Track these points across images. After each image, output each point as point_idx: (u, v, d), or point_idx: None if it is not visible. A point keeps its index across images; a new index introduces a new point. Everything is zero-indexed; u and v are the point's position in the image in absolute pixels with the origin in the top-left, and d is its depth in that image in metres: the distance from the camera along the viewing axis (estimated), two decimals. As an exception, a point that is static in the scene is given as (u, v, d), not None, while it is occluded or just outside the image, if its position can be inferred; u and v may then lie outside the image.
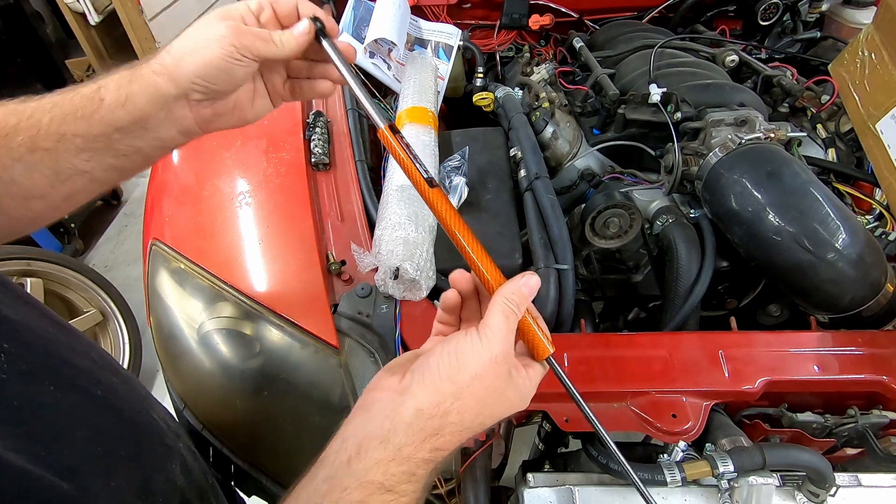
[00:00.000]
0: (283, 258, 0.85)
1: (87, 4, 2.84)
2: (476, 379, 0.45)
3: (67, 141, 0.50)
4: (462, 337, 0.46)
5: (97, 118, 0.50)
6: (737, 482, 0.64)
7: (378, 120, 0.52)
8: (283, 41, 0.53)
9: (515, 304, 0.47)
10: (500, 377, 0.46)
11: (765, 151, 0.86)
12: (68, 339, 0.47)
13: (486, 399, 0.46)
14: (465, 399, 0.45)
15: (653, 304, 0.97)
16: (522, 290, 0.48)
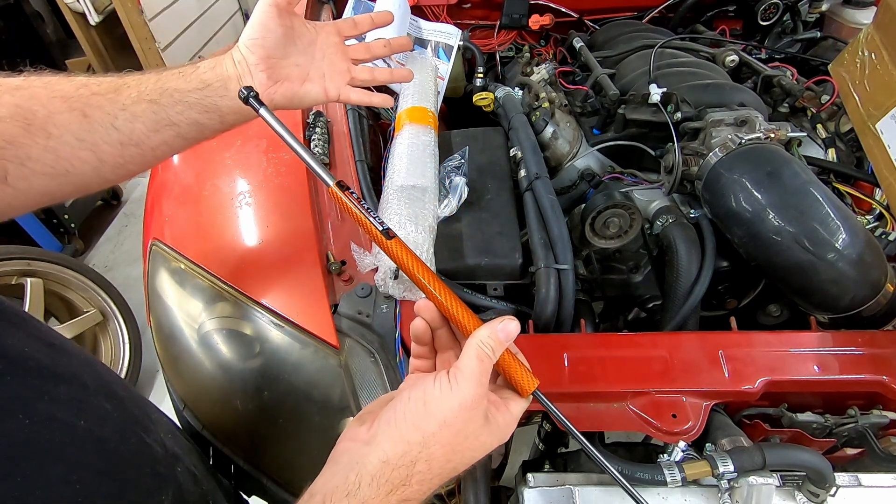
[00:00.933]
0: (283, 258, 0.85)
1: (87, 4, 2.84)
2: (445, 426, 0.44)
3: (168, 94, 0.59)
4: (430, 382, 0.45)
5: (194, 76, 0.62)
6: (737, 482, 0.64)
7: (326, 178, 0.52)
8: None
9: (490, 349, 0.46)
10: (471, 422, 0.45)
11: (765, 151, 0.86)
12: (55, 362, 0.46)
13: (456, 445, 0.45)
14: (432, 447, 0.44)
15: (653, 304, 0.97)
16: (499, 335, 0.47)
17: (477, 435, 0.45)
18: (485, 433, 0.46)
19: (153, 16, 3.07)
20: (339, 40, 0.73)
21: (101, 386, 0.50)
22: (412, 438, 0.44)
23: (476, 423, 0.45)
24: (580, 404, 0.71)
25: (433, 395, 0.45)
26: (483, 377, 0.45)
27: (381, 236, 0.51)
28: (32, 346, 0.45)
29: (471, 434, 0.45)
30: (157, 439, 0.54)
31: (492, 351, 0.46)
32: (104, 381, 0.51)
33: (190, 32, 3.47)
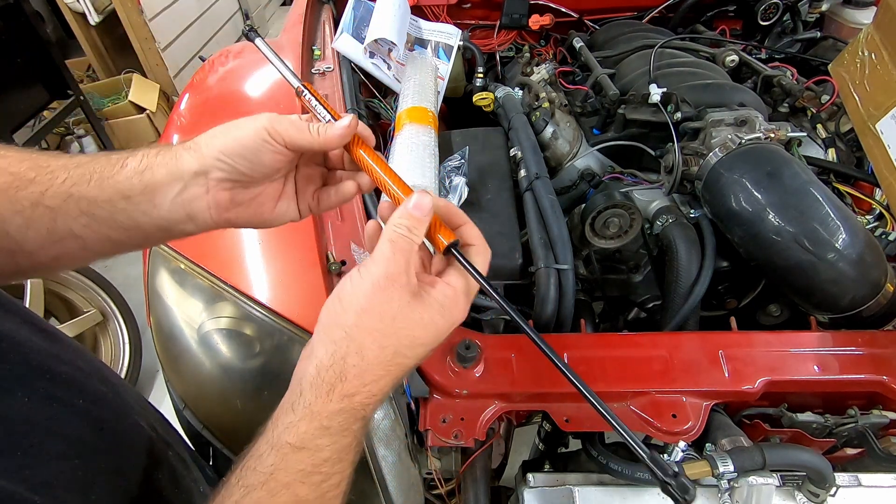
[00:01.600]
0: (283, 258, 0.85)
1: (87, 4, 2.85)
2: (363, 313, 0.43)
3: (73, 202, 0.47)
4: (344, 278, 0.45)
5: (110, 183, 0.48)
6: (737, 482, 0.64)
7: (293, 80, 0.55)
8: (320, 130, 0.50)
9: (406, 227, 0.45)
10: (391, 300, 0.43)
11: (765, 151, 0.86)
12: (51, 346, 0.46)
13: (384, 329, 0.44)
14: (358, 337, 0.43)
15: (653, 304, 0.97)
16: (413, 213, 0.45)
17: (407, 314, 0.44)
18: (419, 310, 0.44)
19: (153, 16, 3.07)
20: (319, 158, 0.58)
21: (95, 371, 0.50)
22: (336, 336, 0.44)
23: (398, 300, 0.44)
24: (580, 404, 0.71)
25: (346, 289, 0.45)
26: (397, 255, 0.44)
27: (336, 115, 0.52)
28: (30, 331, 0.45)
29: (398, 314, 0.44)
30: (149, 424, 0.54)
31: (407, 230, 0.45)
32: (96, 367, 0.51)
33: (190, 32, 3.47)
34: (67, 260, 0.51)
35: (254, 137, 0.48)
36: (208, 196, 0.50)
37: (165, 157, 0.49)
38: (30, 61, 2.42)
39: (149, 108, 2.99)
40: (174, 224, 0.50)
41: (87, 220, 0.48)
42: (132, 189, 0.48)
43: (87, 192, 0.47)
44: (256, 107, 1.07)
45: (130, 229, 0.50)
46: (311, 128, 0.50)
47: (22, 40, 2.36)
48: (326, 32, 1.32)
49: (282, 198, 0.54)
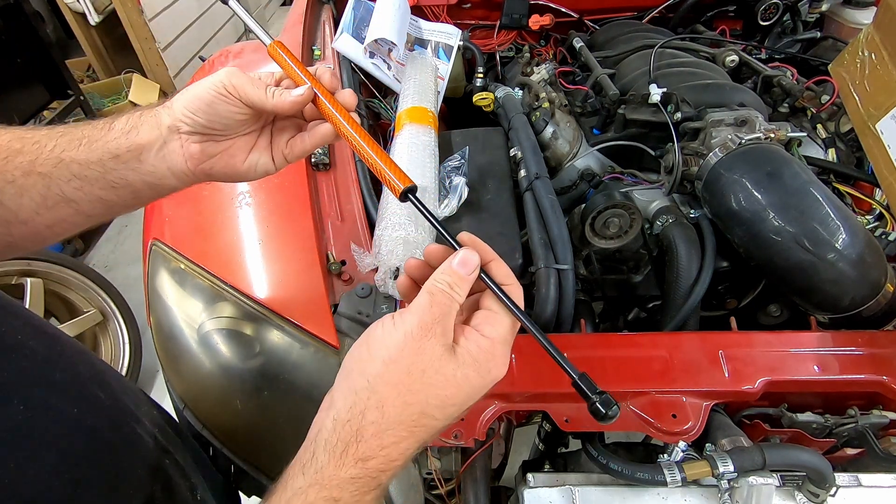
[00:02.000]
0: (283, 258, 0.85)
1: (87, 4, 2.85)
2: (391, 363, 0.40)
3: (64, 166, 0.49)
4: (375, 325, 0.42)
5: (99, 144, 0.51)
6: (737, 482, 0.64)
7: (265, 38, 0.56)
8: (275, 94, 0.52)
9: (447, 284, 0.42)
10: (422, 353, 0.40)
11: (765, 151, 0.86)
12: (50, 350, 0.45)
13: (411, 384, 0.39)
14: (381, 390, 0.39)
15: (653, 304, 0.97)
16: (457, 270, 0.43)
17: (438, 368, 0.40)
18: (451, 365, 0.40)
19: (153, 16, 3.08)
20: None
21: (95, 375, 0.49)
22: (357, 385, 0.40)
23: (430, 353, 0.40)
24: (580, 404, 0.71)
25: (376, 336, 0.42)
26: (434, 308, 0.41)
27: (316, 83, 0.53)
28: (28, 334, 0.44)
29: (428, 367, 0.40)
30: (147, 431, 0.53)
31: (448, 286, 0.42)
32: (97, 371, 0.50)
33: (190, 32, 3.48)
34: (62, 227, 0.53)
35: (209, 90, 0.51)
36: (182, 150, 0.53)
37: (147, 117, 0.53)
38: (30, 61, 2.42)
39: (149, 109, 2.98)
40: (159, 179, 0.54)
41: (80, 183, 0.50)
42: (119, 148, 0.51)
43: (77, 156, 0.50)
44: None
45: (120, 187, 0.52)
46: (269, 89, 0.52)
47: (22, 40, 2.36)
48: (326, 32, 1.32)
49: (254, 150, 0.56)
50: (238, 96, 0.51)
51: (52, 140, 0.50)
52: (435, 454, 0.79)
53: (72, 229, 0.54)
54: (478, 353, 0.42)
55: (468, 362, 0.41)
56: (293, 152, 0.58)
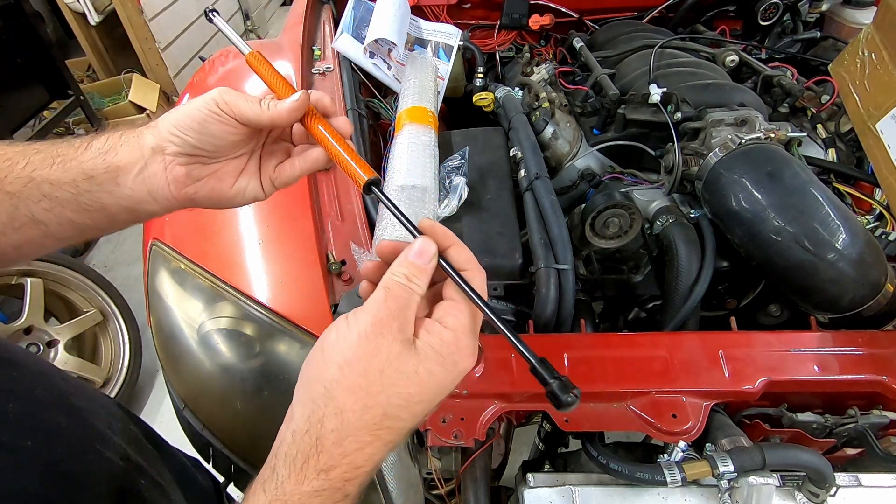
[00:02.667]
0: (283, 258, 0.85)
1: (87, 4, 2.85)
2: (346, 366, 0.37)
3: (34, 186, 0.46)
4: (329, 327, 0.40)
5: (74, 164, 0.47)
6: (737, 482, 0.64)
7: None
8: (270, 105, 0.49)
9: (404, 276, 0.40)
10: (379, 352, 0.37)
11: (765, 151, 0.86)
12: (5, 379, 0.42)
13: (369, 386, 0.37)
14: (339, 396, 0.37)
15: (653, 304, 0.97)
16: (414, 261, 0.41)
17: (397, 367, 0.37)
18: (411, 361, 0.38)
19: (153, 16, 3.08)
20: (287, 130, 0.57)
21: (57, 399, 0.46)
22: (315, 393, 0.37)
23: (387, 351, 0.37)
24: (580, 404, 0.71)
25: (330, 340, 0.39)
26: (389, 302, 0.39)
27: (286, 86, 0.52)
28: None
29: (386, 367, 0.37)
30: (119, 452, 0.49)
31: (405, 278, 0.40)
32: (61, 394, 0.47)
33: (190, 32, 3.48)
34: (29, 248, 0.49)
35: (202, 109, 0.48)
36: (166, 172, 0.49)
37: (129, 137, 0.50)
38: (30, 61, 2.42)
39: (149, 108, 2.99)
40: (137, 203, 0.50)
41: (50, 204, 0.47)
42: (95, 169, 0.48)
43: (49, 175, 0.47)
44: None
45: (94, 211, 0.49)
46: (263, 103, 0.49)
47: (22, 40, 2.36)
48: (326, 32, 1.32)
49: (243, 174, 0.53)
50: (232, 114, 0.49)
51: (25, 157, 0.47)
52: (435, 454, 0.79)
53: (39, 251, 0.51)
54: (441, 346, 0.39)
55: (431, 357, 0.39)
56: (281, 178, 0.55)
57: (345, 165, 0.49)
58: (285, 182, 0.55)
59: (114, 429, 0.51)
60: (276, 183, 0.55)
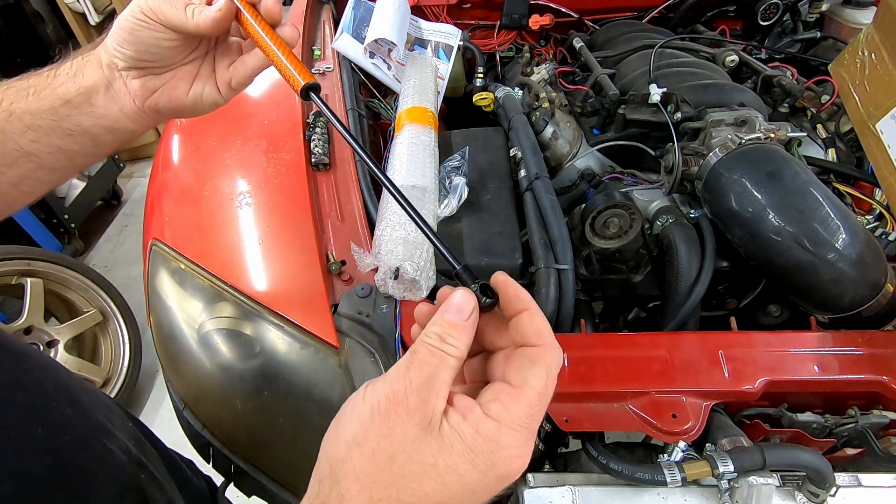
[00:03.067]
0: (283, 258, 0.85)
1: (87, 4, 2.85)
2: (354, 447, 0.31)
3: (16, 119, 0.48)
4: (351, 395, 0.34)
5: (47, 92, 0.49)
6: (737, 482, 0.64)
7: None
8: (196, 11, 0.48)
9: (437, 337, 0.33)
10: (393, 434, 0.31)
11: (765, 151, 0.86)
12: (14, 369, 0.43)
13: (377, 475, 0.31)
14: (342, 480, 0.31)
15: (653, 304, 0.97)
16: (449, 318, 0.34)
17: (411, 454, 0.31)
18: (430, 450, 0.31)
19: (153, 16, 3.07)
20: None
21: (63, 392, 0.46)
22: (323, 473, 0.33)
23: (401, 433, 0.31)
24: (580, 404, 0.71)
25: (345, 411, 0.34)
26: (412, 371, 0.32)
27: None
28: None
29: (398, 452, 0.31)
30: (121, 446, 0.50)
31: (438, 339, 0.33)
32: (65, 387, 0.47)
33: (190, 32, 3.48)
34: (28, 184, 0.50)
35: (128, 18, 0.48)
36: (125, 87, 0.51)
37: (90, 57, 0.51)
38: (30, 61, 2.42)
39: (149, 108, 2.99)
40: (114, 122, 0.51)
41: (35, 135, 0.48)
42: (69, 93, 0.49)
43: (27, 107, 0.48)
44: (255, 106, 1.07)
45: (78, 134, 0.50)
46: (189, 9, 0.48)
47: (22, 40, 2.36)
48: (326, 32, 1.32)
49: (197, 80, 0.53)
50: (157, 20, 0.48)
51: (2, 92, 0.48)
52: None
53: (39, 186, 0.52)
54: (474, 438, 0.31)
55: (457, 449, 0.31)
56: (236, 78, 0.54)
57: (281, 68, 0.47)
58: (241, 82, 0.55)
59: (115, 424, 0.51)
60: (233, 84, 0.55)
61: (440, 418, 0.32)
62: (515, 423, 0.32)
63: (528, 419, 0.32)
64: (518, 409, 0.32)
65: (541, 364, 0.33)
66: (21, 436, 0.39)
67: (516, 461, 0.32)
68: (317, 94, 0.45)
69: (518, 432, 0.32)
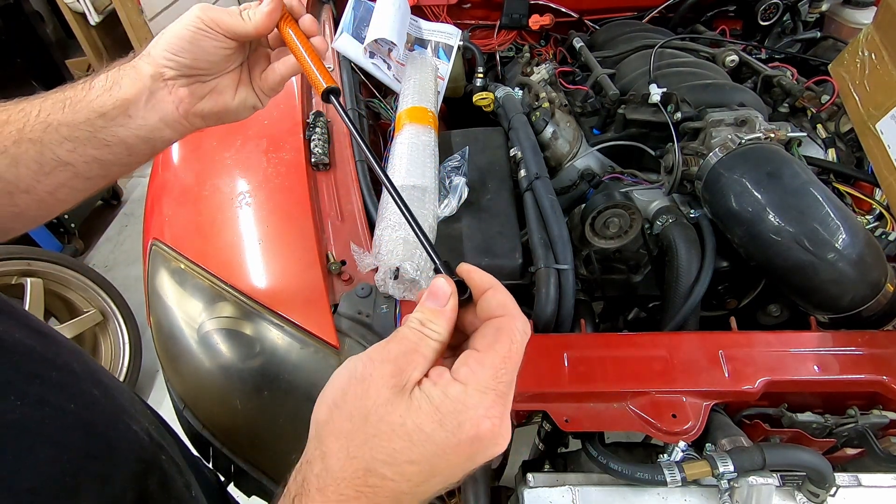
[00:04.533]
0: (283, 258, 0.85)
1: (87, 4, 2.84)
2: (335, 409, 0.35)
3: (52, 130, 0.50)
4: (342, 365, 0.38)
5: (83, 104, 0.51)
6: (737, 482, 0.64)
7: None
8: (250, 14, 0.53)
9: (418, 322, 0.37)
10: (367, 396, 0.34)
11: (765, 151, 0.86)
12: (46, 349, 0.45)
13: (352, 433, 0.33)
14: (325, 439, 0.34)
15: (653, 304, 0.97)
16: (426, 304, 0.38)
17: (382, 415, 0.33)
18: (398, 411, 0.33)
19: (153, 16, 3.07)
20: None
21: (90, 374, 0.49)
22: (311, 434, 0.36)
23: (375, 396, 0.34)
24: (580, 404, 0.71)
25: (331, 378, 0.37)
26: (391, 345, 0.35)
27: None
28: (23, 333, 0.44)
29: (371, 413, 0.33)
30: (142, 427, 0.52)
31: (419, 323, 0.36)
32: (91, 370, 0.50)
33: (190, 32, 3.47)
34: (64, 192, 0.53)
35: (189, 27, 0.51)
36: (171, 96, 0.53)
37: (127, 70, 0.53)
38: (30, 61, 2.42)
39: (149, 108, 2.98)
40: (151, 132, 0.53)
41: (72, 146, 0.50)
42: (104, 106, 0.51)
43: (64, 119, 0.50)
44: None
45: (114, 145, 0.52)
46: (244, 14, 0.52)
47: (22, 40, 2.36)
48: (326, 32, 1.32)
49: (240, 85, 0.57)
50: (219, 28, 0.51)
51: (37, 107, 0.50)
52: (435, 454, 0.79)
53: (74, 195, 0.54)
54: (441, 399, 0.33)
55: (424, 410, 0.33)
56: (268, 84, 0.59)
57: (307, 70, 0.51)
58: (273, 88, 0.59)
59: (135, 408, 0.54)
60: (265, 90, 0.59)
61: (413, 386, 0.34)
62: (482, 384, 0.34)
63: (493, 381, 0.34)
64: (483, 371, 0.34)
65: (504, 330, 0.36)
66: (56, 409, 0.41)
67: (484, 422, 0.33)
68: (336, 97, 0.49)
69: (485, 394, 0.34)
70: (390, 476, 0.33)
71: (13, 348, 0.42)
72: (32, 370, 0.42)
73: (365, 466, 0.33)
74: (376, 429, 0.33)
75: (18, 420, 0.38)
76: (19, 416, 0.38)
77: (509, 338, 0.36)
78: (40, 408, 0.40)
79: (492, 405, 0.34)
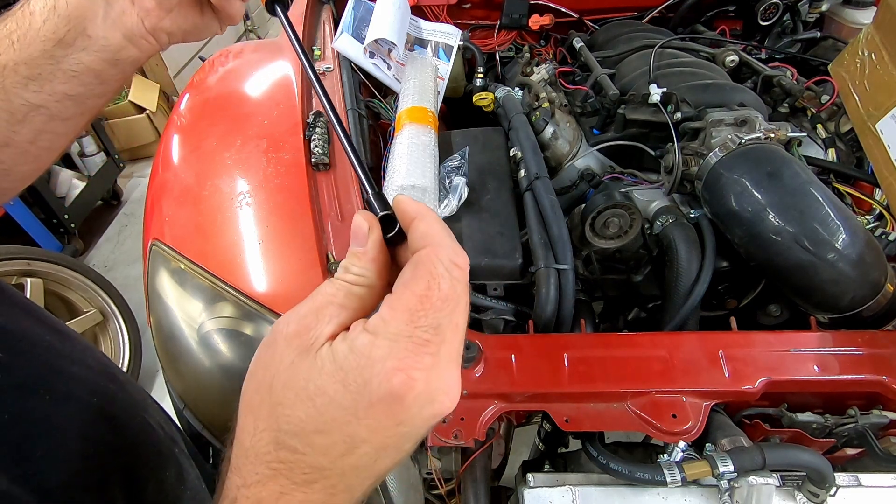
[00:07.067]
0: (283, 258, 0.85)
1: None
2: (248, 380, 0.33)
3: (10, 72, 0.44)
4: None
5: (31, 35, 0.44)
6: (737, 482, 0.64)
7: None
8: None
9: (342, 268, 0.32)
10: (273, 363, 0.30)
11: (765, 151, 0.86)
12: (64, 345, 0.46)
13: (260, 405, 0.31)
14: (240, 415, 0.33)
15: (653, 304, 0.97)
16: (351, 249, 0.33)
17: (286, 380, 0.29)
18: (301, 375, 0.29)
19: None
20: None
21: (104, 369, 0.49)
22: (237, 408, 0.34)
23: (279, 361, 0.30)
24: (580, 404, 0.71)
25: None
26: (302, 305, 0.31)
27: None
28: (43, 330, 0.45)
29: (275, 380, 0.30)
30: (157, 421, 0.53)
31: (342, 270, 0.32)
32: (105, 365, 0.50)
33: (190, 32, 3.47)
34: (46, 139, 0.48)
35: None
36: (135, 7, 0.47)
37: None
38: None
39: (149, 108, 2.99)
40: (116, 52, 0.48)
41: (37, 85, 0.45)
42: (58, 30, 0.45)
43: (19, 57, 0.44)
44: (256, 106, 1.07)
45: (81, 74, 0.47)
46: None
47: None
48: (326, 32, 1.32)
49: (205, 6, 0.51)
50: None
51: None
52: (435, 454, 0.79)
53: (58, 140, 0.50)
54: (345, 355, 0.28)
55: (327, 370, 0.28)
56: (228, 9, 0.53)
57: None
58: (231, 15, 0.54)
59: (147, 403, 0.55)
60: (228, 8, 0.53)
61: (322, 344, 0.29)
62: (392, 332, 0.28)
63: (408, 326, 0.28)
64: (395, 316, 0.28)
65: (422, 265, 0.29)
66: (81, 405, 0.42)
67: (396, 375, 0.27)
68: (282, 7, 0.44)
69: (396, 342, 0.28)
70: (301, 449, 0.29)
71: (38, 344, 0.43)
72: (56, 366, 0.43)
73: (273, 439, 0.29)
74: (280, 396, 0.29)
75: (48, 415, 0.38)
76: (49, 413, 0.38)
77: (428, 272, 0.29)
78: (66, 403, 0.41)
79: (406, 355, 0.28)
